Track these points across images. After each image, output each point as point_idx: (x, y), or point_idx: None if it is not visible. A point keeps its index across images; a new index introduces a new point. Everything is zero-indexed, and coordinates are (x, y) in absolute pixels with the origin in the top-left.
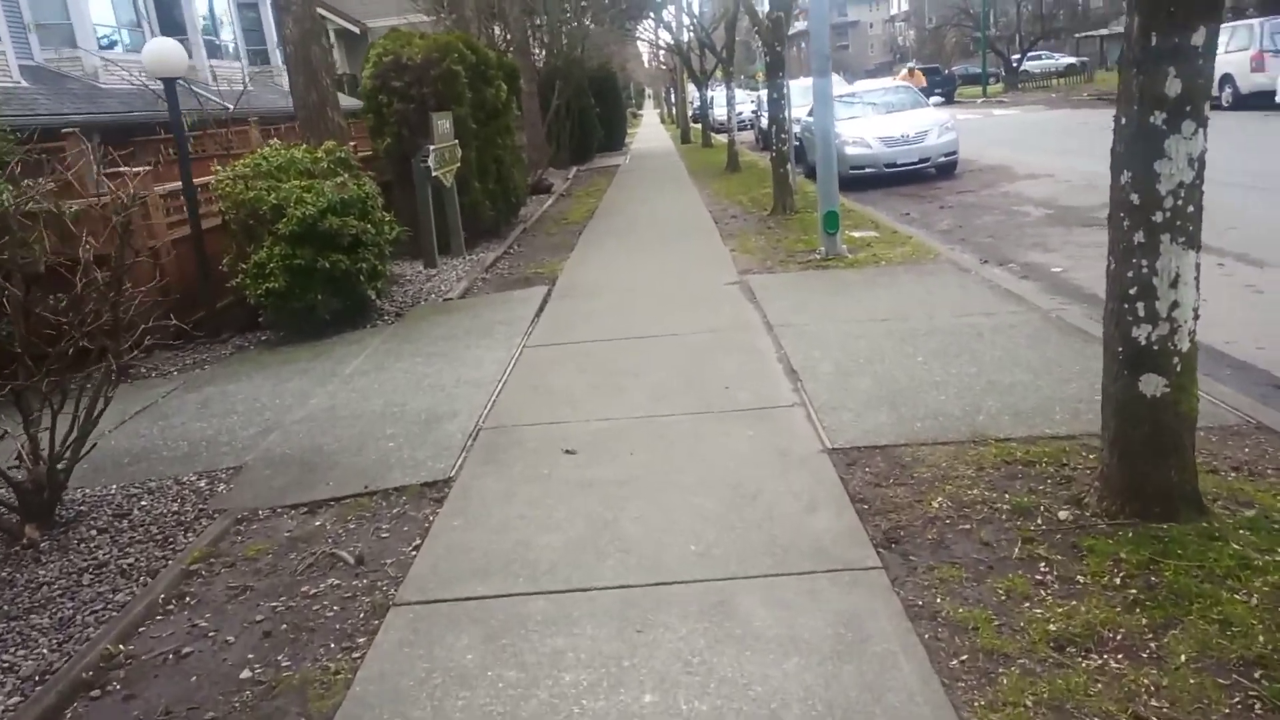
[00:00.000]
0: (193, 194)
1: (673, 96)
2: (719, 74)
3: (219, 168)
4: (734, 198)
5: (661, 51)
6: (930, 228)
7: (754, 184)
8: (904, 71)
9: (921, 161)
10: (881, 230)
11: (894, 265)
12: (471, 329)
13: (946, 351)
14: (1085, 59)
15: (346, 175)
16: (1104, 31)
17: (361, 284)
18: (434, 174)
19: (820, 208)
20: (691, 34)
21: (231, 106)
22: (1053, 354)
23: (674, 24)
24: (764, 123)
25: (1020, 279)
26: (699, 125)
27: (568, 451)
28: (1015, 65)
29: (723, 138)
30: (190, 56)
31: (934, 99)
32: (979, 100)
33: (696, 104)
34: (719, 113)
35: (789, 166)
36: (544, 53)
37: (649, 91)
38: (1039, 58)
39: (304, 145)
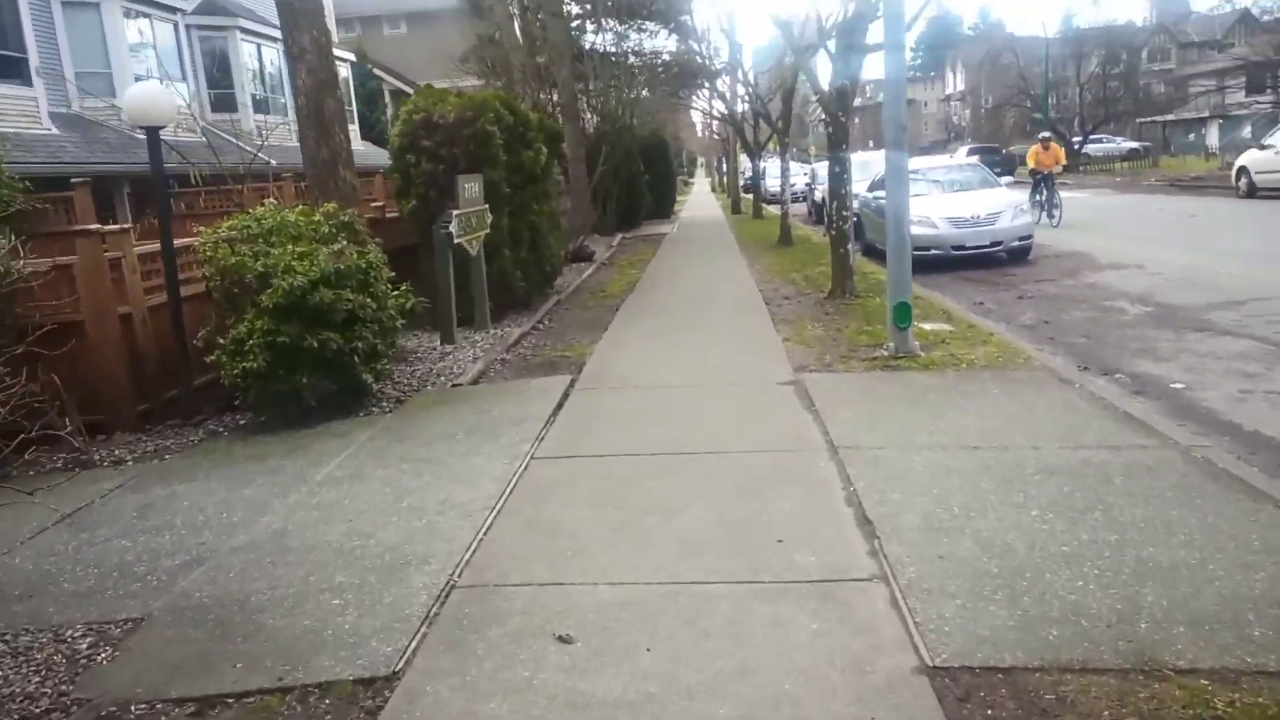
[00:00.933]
0: (171, 255)
1: (724, 165)
2: (773, 145)
3: (201, 228)
4: (787, 275)
5: (715, 121)
6: (1011, 321)
7: (808, 261)
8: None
9: (993, 245)
10: (955, 323)
11: (977, 370)
12: (475, 428)
13: (1070, 504)
14: (1148, 144)
15: (345, 242)
16: (1169, 117)
17: (356, 367)
18: (456, 241)
19: (890, 297)
20: (746, 104)
21: (271, 161)
22: (1215, 518)
23: (728, 94)
24: (818, 196)
25: (1133, 395)
26: (750, 195)
27: (561, 639)
28: (1077, 148)
29: (774, 209)
30: (236, 110)
31: (1005, 180)
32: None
33: (748, 174)
34: (771, 184)
35: (849, 246)
36: (594, 117)
37: (701, 160)
38: (1099, 141)
39: (300, 206)
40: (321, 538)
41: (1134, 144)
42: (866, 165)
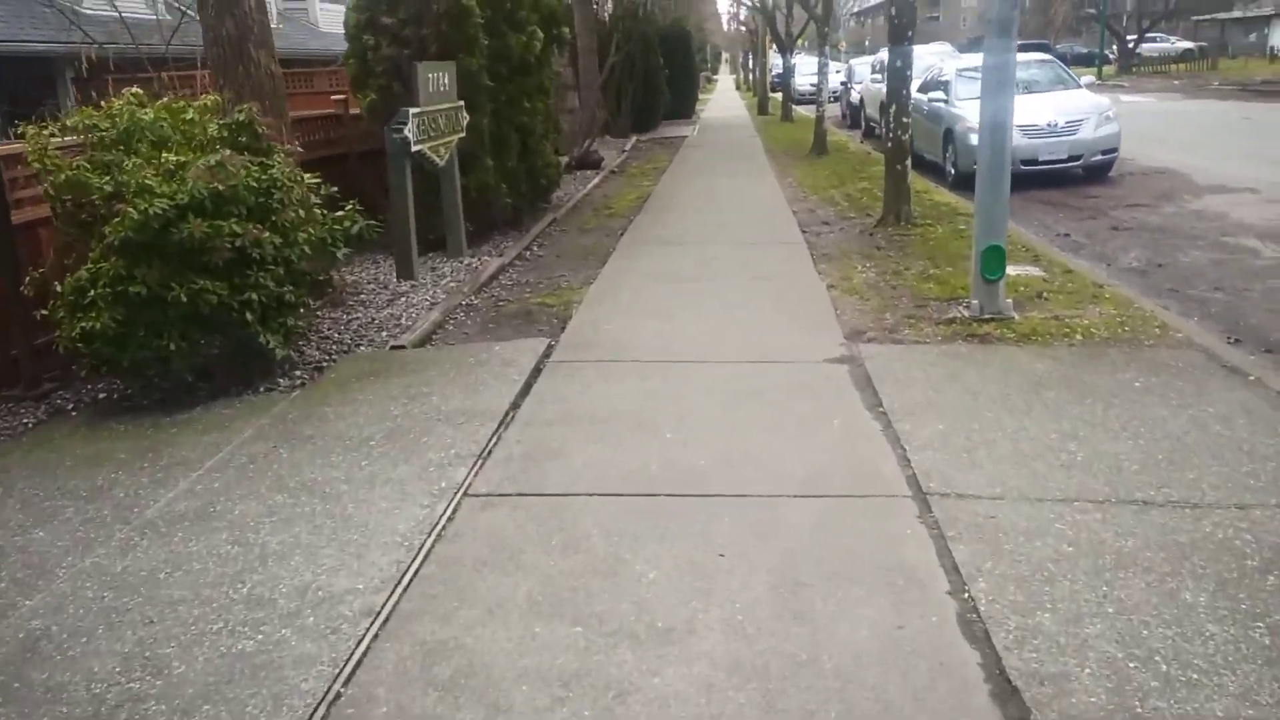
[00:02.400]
0: None
1: (751, 62)
2: (802, 40)
3: (29, 128)
4: (824, 193)
5: (743, 10)
6: (1112, 263)
7: (847, 174)
8: None
9: (1072, 160)
10: (1046, 266)
11: (1098, 344)
12: (400, 428)
13: None
14: (1204, 44)
15: (228, 152)
16: (1234, 14)
17: (250, 326)
18: (416, 148)
19: (976, 238)
20: None
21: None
22: None
23: None
24: (854, 97)
25: None
26: (779, 95)
27: None
28: (1130, 47)
29: (805, 111)
30: None
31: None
32: (1095, 83)
33: (776, 71)
34: (801, 82)
35: (908, 162)
36: (609, 2)
37: (726, 55)
38: (1153, 40)
39: (164, 101)
40: (81, 668)
41: (1188, 44)
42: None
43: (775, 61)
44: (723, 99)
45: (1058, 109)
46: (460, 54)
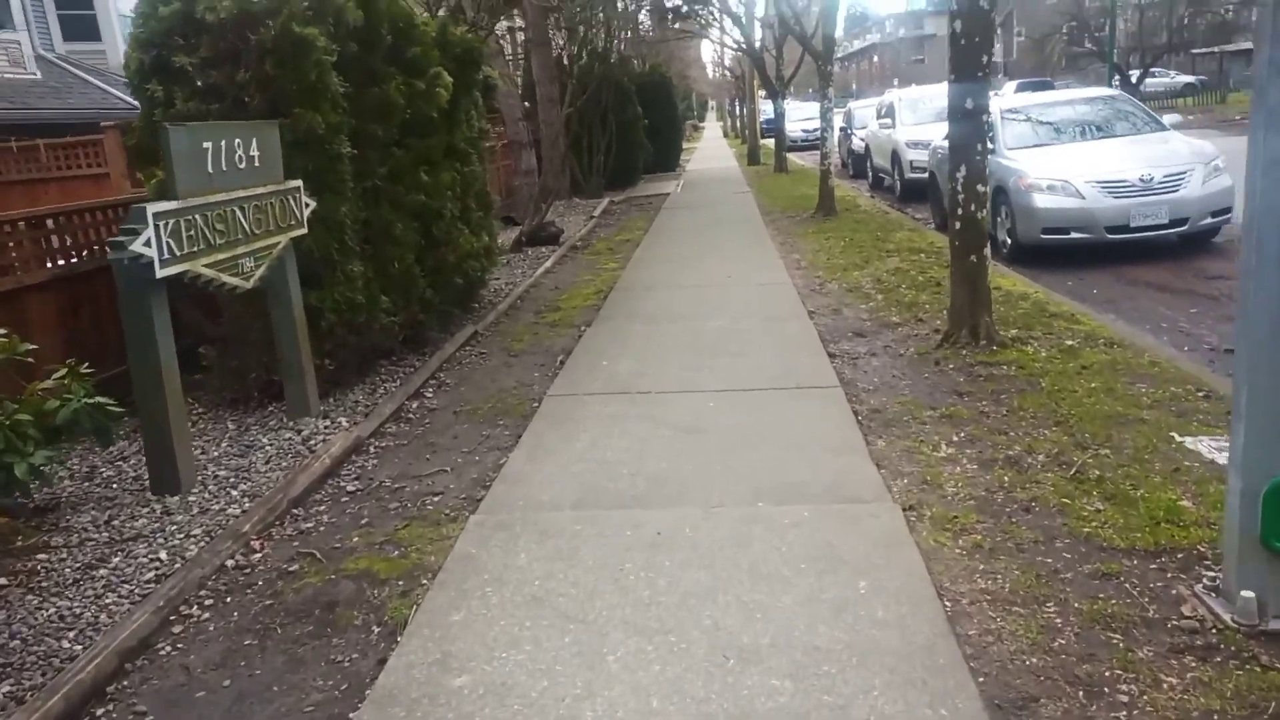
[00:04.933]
0: None
1: (738, 108)
2: (790, 87)
3: None
4: (846, 277)
5: (729, 51)
6: None
7: (869, 245)
8: None
9: (1173, 225)
10: None
11: None
12: None
13: None
14: (1203, 78)
15: None
16: (1233, 46)
17: None
18: (170, 271)
19: (1242, 459)
20: (769, 29)
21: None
22: None
23: (744, 16)
24: (856, 144)
25: None
26: (769, 142)
27: None
28: (1135, 83)
29: (799, 159)
30: (100, 39)
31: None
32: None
33: (766, 117)
34: (793, 128)
35: (986, 252)
36: (569, 44)
37: (712, 103)
38: (1152, 75)
39: None
40: None
41: (1189, 78)
42: (918, 105)
43: (765, 107)
44: (710, 148)
45: (1149, 159)
46: (299, 108)
